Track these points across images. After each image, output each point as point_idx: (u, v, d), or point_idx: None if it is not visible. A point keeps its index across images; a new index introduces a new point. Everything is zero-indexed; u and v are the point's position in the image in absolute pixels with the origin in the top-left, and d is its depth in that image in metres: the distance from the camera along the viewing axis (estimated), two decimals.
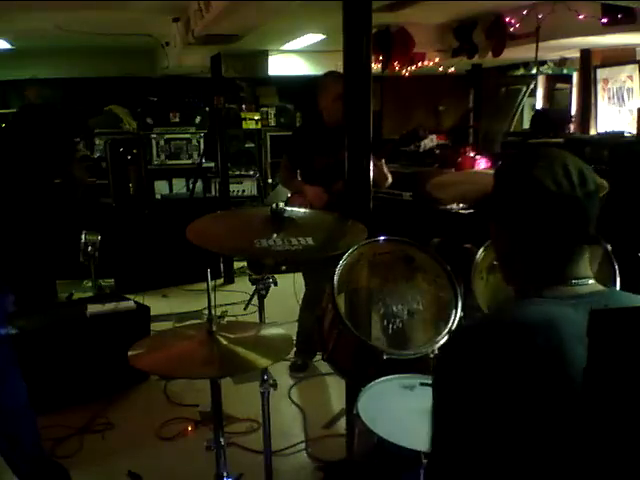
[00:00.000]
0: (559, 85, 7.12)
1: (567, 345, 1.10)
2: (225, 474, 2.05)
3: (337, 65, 2.93)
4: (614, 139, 4.65)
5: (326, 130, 3.63)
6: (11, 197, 2.28)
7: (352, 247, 2.21)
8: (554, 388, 1.08)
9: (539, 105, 7.20)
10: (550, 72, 6.77)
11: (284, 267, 5.52)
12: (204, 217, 2.26)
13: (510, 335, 1.11)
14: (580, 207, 1.15)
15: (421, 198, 5.50)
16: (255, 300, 2.38)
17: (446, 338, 2.07)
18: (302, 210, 2.52)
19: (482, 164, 5.65)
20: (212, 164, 6.50)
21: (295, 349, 3.89)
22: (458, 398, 1.14)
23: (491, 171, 1.91)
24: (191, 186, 6.34)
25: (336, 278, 2.16)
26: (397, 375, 1.98)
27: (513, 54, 5.44)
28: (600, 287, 1.23)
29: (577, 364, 1.08)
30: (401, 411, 1.81)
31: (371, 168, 2.55)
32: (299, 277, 4.08)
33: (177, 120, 6.61)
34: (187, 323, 4.29)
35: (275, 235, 2.09)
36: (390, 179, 3.52)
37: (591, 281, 1.22)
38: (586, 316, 1.10)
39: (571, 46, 5.29)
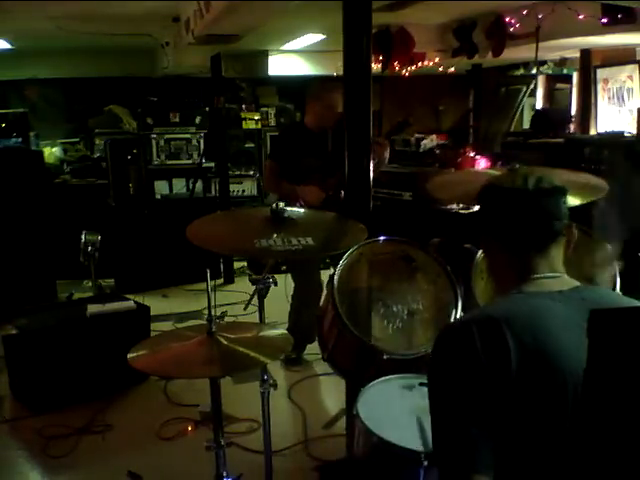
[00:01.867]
0: (559, 85, 7.11)
1: (552, 334, 1.12)
2: (225, 474, 2.05)
3: (337, 65, 2.94)
4: (614, 139, 4.65)
5: (310, 134, 3.78)
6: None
7: (352, 247, 2.22)
8: (541, 376, 1.09)
9: (539, 105, 7.19)
10: (550, 72, 6.76)
11: (284, 267, 5.53)
12: (204, 217, 2.27)
13: (496, 328, 1.14)
14: (534, 201, 1.26)
15: (421, 198, 5.51)
16: (255, 300, 2.38)
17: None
18: (302, 210, 2.52)
19: (482, 164, 5.66)
20: (212, 164, 6.50)
21: None
22: (450, 394, 1.16)
23: (491, 171, 1.92)
24: (191, 186, 6.34)
25: (336, 278, 2.16)
26: (397, 375, 1.98)
27: (513, 54, 5.44)
28: (575, 282, 1.28)
29: (562, 352, 1.09)
30: (401, 411, 1.81)
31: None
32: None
33: (177, 120, 6.59)
34: (187, 323, 4.30)
35: (275, 235, 2.09)
36: (387, 158, 3.70)
37: (565, 276, 1.28)
38: (567, 307, 1.13)
39: (571, 46, 5.29)
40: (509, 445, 1.12)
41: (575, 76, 6.29)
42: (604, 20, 4.12)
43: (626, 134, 4.80)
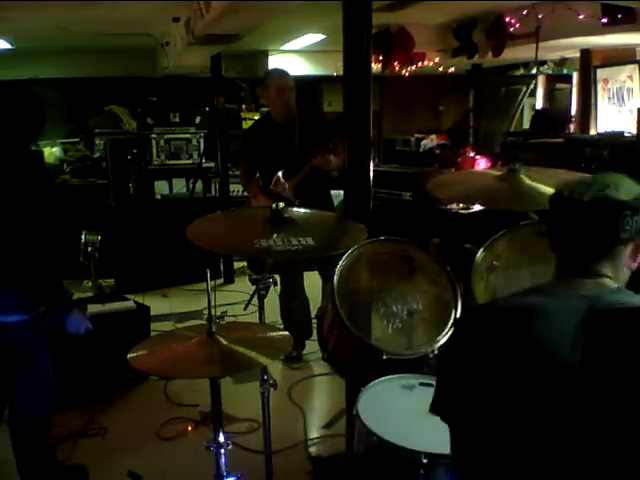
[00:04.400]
0: (559, 85, 7.12)
1: (557, 333, 1.12)
2: (225, 474, 2.05)
3: (337, 65, 2.94)
4: (614, 139, 4.65)
5: (276, 128, 3.82)
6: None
7: (352, 247, 2.21)
8: (540, 371, 1.11)
9: (539, 105, 7.20)
10: (550, 72, 6.76)
11: None
12: (204, 217, 2.27)
13: (502, 318, 1.19)
14: (586, 211, 1.24)
15: (421, 198, 5.51)
16: (255, 300, 2.38)
17: (446, 338, 2.07)
18: (302, 210, 2.51)
19: (482, 164, 5.66)
20: (212, 164, 6.50)
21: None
22: (455, 372, 1.24)
23: (490, 171, 1.92)
24: (191, 186, 6.34)
25: (336, 278, 2.16)
26: (397, 375, 1.98)
27: (513, 54, 5.44)
28: (611, 286, 1.25)
29: (565, 354, 1.09)
30: (401, 411, 1.81)
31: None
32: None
33: (177, 120, 6.60)
34: (187, 323, 4.30)
35: (275, 235, 2.09)
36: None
37: (606, 280, 1.25)
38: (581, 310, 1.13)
39: (571, 46, 5.29)
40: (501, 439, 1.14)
41: (575, 76, 6.29)
42: (604, 20, 4.12)
43: (626, 134, 4.80)
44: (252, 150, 3.96)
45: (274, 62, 6.73)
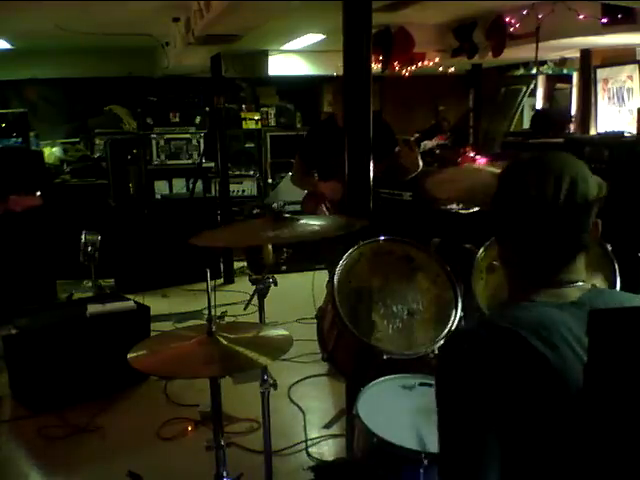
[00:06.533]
0: (559, 85, 7.12)
1: (558, 346, 1.11)
2: (225, 474, 2.05)
3: (337, 65, 2.94)
4: (614, 139, 4.65)
5: (338, 130, 3.77)
6: None
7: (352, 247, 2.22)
8: (547, 387, 1.09)
9: (539, 105, 7.20)
10: (550, 72, 6.76)
11: (284, 267, 5.53)
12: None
13: (502, 338, 1.12)
14: (563, 216, 1.16)
15: (421, 198, 5.51)
16: (255, 300, 2.38)
17: (445, 339, 2.07)
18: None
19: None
20: (212, 164, 6.50)
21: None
22: (457, 401, 1.14)
23: (490, 168, 1.91)
24: (191, 186, 6.34)
25: (336, 278, 2.16)
26: (397, 375, 1.97)
27: (513, 54, 5.43)
28: (587, 287, 1.23)
29: (568, 365, 1.09)
30: (401, 411, 1.81)
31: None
32: (299, 277, 4.10)
33: (177, 120, 6.61)
34: (187, 323, 4.30)
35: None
36: (421, 166, 3.74)
37: (581, 284, 1.22)
38: (574, 317, 1.12)
39: (571, 46, 5.29)
40: (514, 451, 1.12)
41: (575, 76, 6.30)
42: (604, 20, 4.11)
43: (626, 134, 4.80)
44: (313, 151, 3.99)
45: (274, 62, 6.74)
